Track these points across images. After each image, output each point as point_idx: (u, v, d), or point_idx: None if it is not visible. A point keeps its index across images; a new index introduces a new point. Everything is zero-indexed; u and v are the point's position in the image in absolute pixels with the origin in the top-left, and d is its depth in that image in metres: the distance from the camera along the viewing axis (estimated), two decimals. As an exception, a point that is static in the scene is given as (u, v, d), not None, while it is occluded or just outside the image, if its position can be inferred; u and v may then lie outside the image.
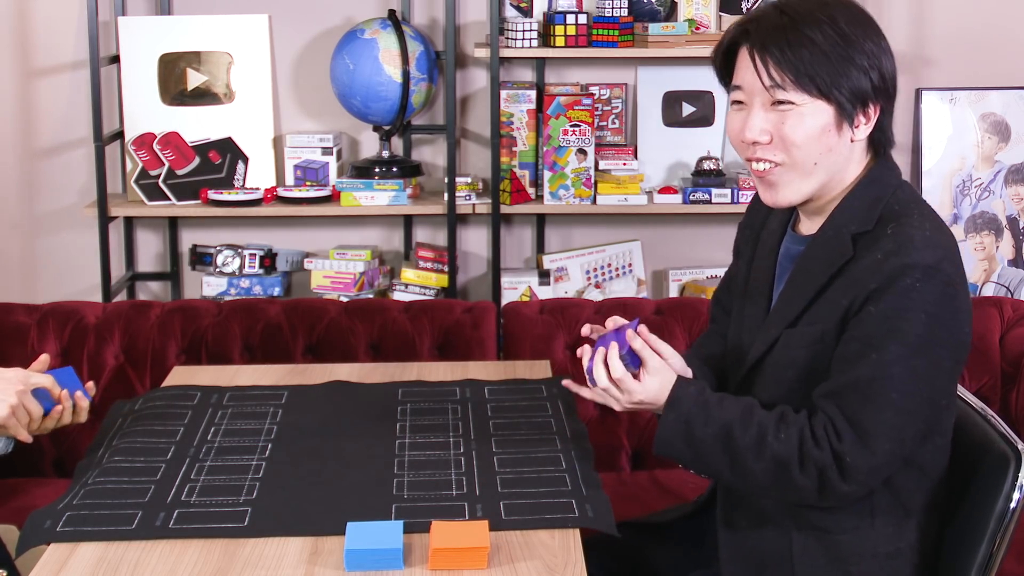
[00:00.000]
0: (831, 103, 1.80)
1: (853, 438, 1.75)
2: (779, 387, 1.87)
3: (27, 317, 2.93)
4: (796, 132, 1.81)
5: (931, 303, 1.74)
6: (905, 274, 1.74)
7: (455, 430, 2.15)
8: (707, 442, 1.81)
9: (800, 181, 1.85)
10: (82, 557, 1.72)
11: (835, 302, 1.80)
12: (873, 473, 1.77)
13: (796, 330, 1.85)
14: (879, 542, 1.84)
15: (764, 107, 1.83)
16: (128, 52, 3.59)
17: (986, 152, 3.79)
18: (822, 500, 1.80)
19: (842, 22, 1.81)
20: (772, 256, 1.97)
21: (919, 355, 1.74)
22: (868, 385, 1.75)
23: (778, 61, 1.80)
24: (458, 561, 1.68)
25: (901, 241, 1.77)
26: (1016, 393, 2.90)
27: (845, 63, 1.79)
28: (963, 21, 3.77)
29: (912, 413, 1.76)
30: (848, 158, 1.85)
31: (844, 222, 1.84)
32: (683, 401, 1.84)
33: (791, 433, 1.78)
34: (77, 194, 3.75)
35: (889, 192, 1.85)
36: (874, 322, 1.75)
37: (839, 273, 1.81)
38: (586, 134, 3.55)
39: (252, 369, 2.54)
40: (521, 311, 2.99)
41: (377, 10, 3.66)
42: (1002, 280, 3.81)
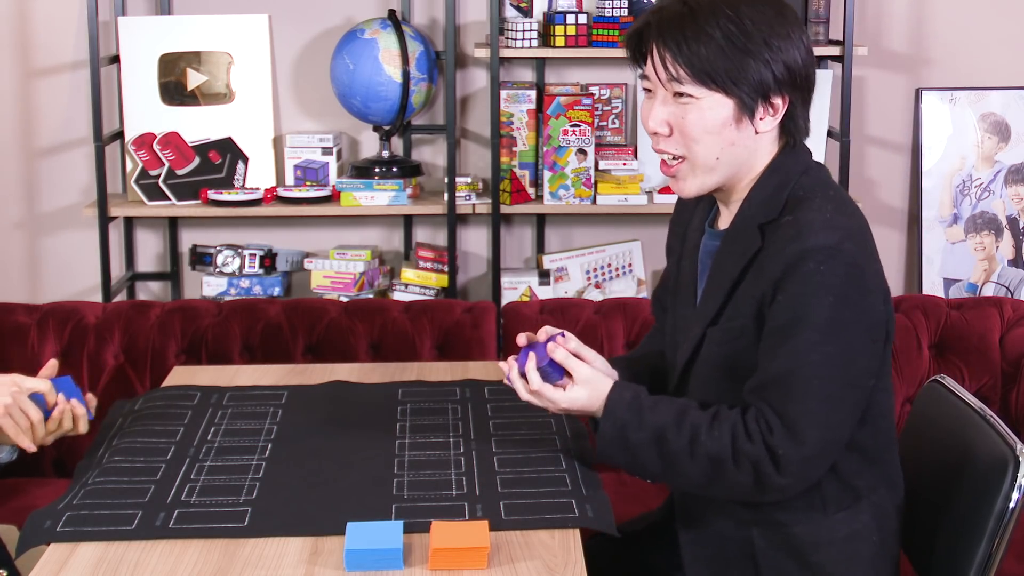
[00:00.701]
0: (730, 96, 1.80)
1: (782, 430, 1.76)
2: (711, 386, 1.88)
3: (27, 317, 2.93)
4: (695, 126, 1.82)
5: (836, 285, 1.73)
6: (806, 259, 1.74)
7: (455, 430, 2.15)
8: (642, 447, 1.83)
9: (703, 175, 1.86)
10: (82, 557, 1.72)
11: (749, 295, 1.81)
12: (807, 463, 1.77)
13: (717, 327, 1.86)
14: (834, 528, 1.86)
15: (666, 99, 1.84)
16: (128, 52, 3.59)
17: (986, 152, 3.79)
18: (760, 495, 1.81)
19: (744, 14, 1.79)
20: (695, 253, 1.98)
21: (831, 339, 1.74)
22: (787, 376, 1.76)
23: (675, 55, 1.80)
24: (458, 561, 1.68)
25: (800, 227, 1.77)
26: (1016, 393, 2.90)
27: (743, 56, 1.78)
28: (963, 21, 3.77)
29: (836, 398, 1.76)
30: (754, 150, 1.85)
31: (752, 213, 1.85)
32: (617, 407, 1.86)
33: (723, 430, 1.79)
34: (77, 194, 3.75)
35: (793, 179, 1.85)
36: (783, 312, 1.76)
37: (750, 265, 1.82)
38: (586, 134, 3.55)
39: (252, 369, 2.54)
40: (521, 311, 2.99)
41: (377, 10, 3.66)
42: (1002, 280, 3.81)
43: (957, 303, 3.01)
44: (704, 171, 1.86)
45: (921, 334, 2.95)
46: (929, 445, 2.08)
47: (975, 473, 1.90)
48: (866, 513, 1.87)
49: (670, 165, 1.89)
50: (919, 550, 2.01)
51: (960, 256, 3.81)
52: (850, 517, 1.86)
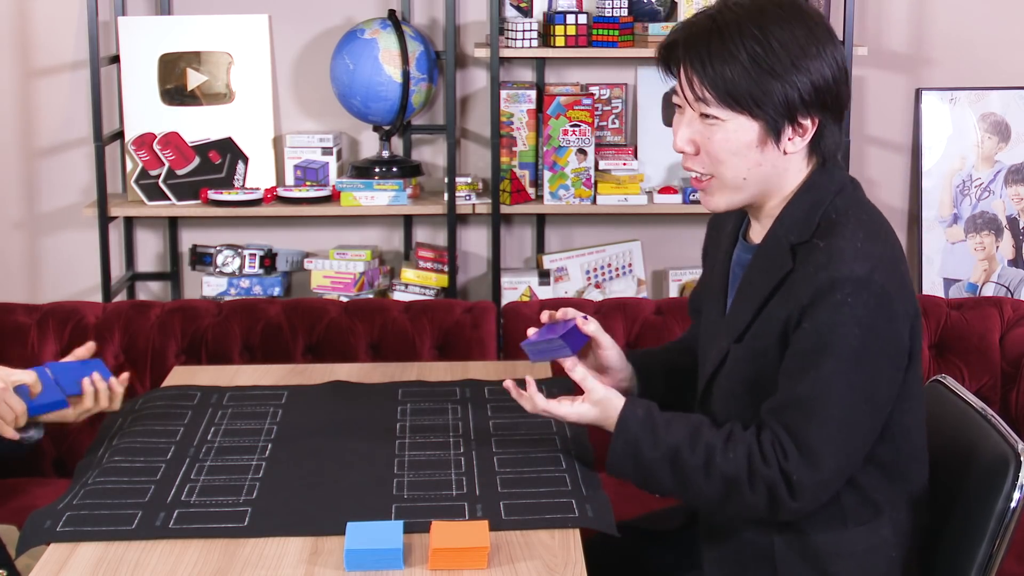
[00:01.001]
0: (756, 119, 1.78)
1: (798, 456, 1.76)
2: (733, 401, 1.88)
3: (27, 317, 2.93)
4: (720, 148, 1.81)
5: (864, 315, 1.73)
6: (835, 288, 1.73)
7: (455, 430, 2.15)
8: (656, 465, 1.83)
9: (731, 193, 1.85)
10: (82, 557, 1.72)
11: (776, 317, 1.80)
12: (821, 488, 1.78)
13: (742, 345, 1.86)
14: (854, 541, 1.85)
15: (693, 118, 1.83)
16: (128, 52, 3.59)
17: (986, 152, 3.79)
18: (773, 516, 1.81)
19: (773, 33, 1.76)
20: (726, 262, 1.97)
21: (856, 369, 1.74)
22: (809, 402, 1.75)
23: (701, 77, 1.78)
24: (458, 561, 1.68)
25: (831, 254, 1.76)
26: (1016, 393, 2.90)
27: (768, 78, 1.76)
28: (963, 21, 3.77)
29: (855, 425, 1.76)
30: (783, 169, 1.84)
31: (784, 233, 1.84)
32: (630, 424, 1.85)
33: (739, 452, 1.78)
34: (77, 194, 3.75)
35: (827, 199, 1.83)
36: (809, 338, 1.75)
37: (780, 285, 1.81)
38: (586, 134, 3.54)
39: (252, 369, 2.54)
40: (521, 311, 2.99)
41: (377, 10, 3.66)
42: (1002, 280, 3.81)
43: (957, 303, 3.01)
44: (732, 190, 1.84)
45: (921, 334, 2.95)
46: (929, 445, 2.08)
47: (976, 473, 1.90)
48: (886, 528, 1.86)
49: (699, 180, 1.87)
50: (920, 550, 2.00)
51: (960, 256, 3.81)
52: (869, 532, 1.86)
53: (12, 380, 2.02)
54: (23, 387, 2.03)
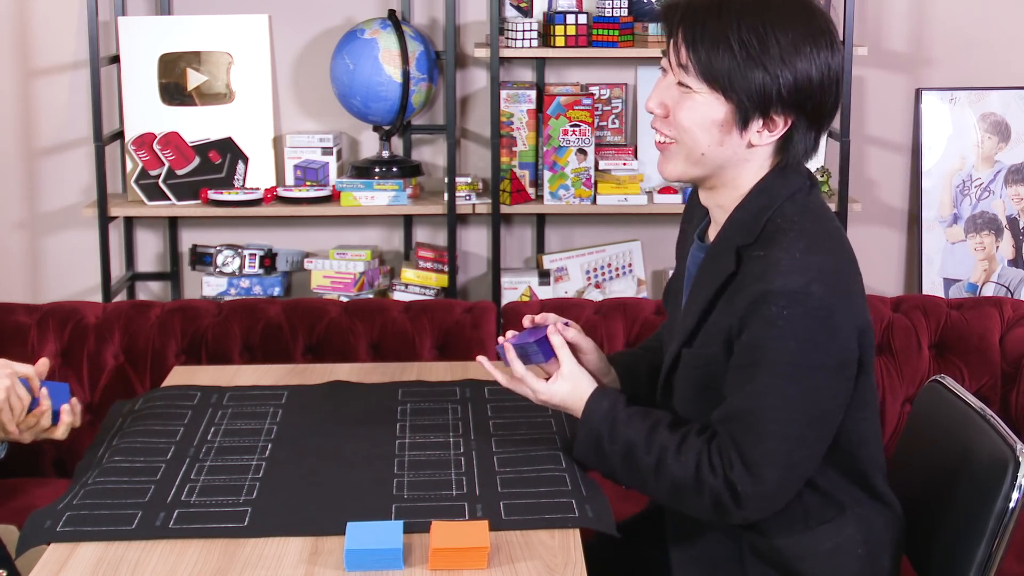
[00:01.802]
0: (728, 101, 1.79)
1: (741, 467, 1.76)
2: (687, 403, 1.89)
3: (27, 317, 2.93)
4: (686, 117, 1.82)
5: (799, 329, 1.71)
6: (768, 302, 1.72)
7: (455, 430, 2.15)
8: (615, 458, 1.86)
9: (686, 163, 1.85)
10: (82, 557, 1.72)
11: (720, 324, 1.80)
12: (766, 499, 1.78)
13: (691, 351, 1.86)
14: (817, 541, 1.85)
15: (671, 83, 1.84)
16: (128, 52, 3.59)
17: (986, 152, 3.79)
18: (720, 520, 1.82)
19: (770, 23, 1.76)
20: (684, 260, 1.98)
21: (792, 382, 1.73)
22: (747, 416, 1.75)
23: (688, 46, 1.79)
24: (458, 561, 1.68)
25: (767, 265, 1.74)
26: (1016, 393, 2.90)
27: (752, 66, 1.76)
28: (963, 21, 3.77)
29: (796, 438, 1.75)
30: (743, 159, 1.83)
31: (732, 234, 1.83)
32: (594, 416, 1.89)
33: (689, 457, 1.79)
34: (77, 194, 3.75)
35: (777, 202, 1.81)
36: (745, 351, 1.75)
37: (724, 289, 1.81)
38: (586, 134, 3.55)
39: (252, 369, 2.54)
40: (521, 311, 2.98)
41: (377, 10, 3.66)
42: (1002, 280, 3.81)
43: (957, 303, 3.01)
44: (688, 160, 1.85)
45: (921, 334, 2.95)
46: (929, 445, 2.08)
47: (975, 473, 1.90)
48: (851, 526, 1.86)
49: (661, 143, 1.89)
50: (919, 550, 2.01)
51: (960, 256, 3.81)
52: (834, 530, 1.86)
53: (18, 371, 2.01)
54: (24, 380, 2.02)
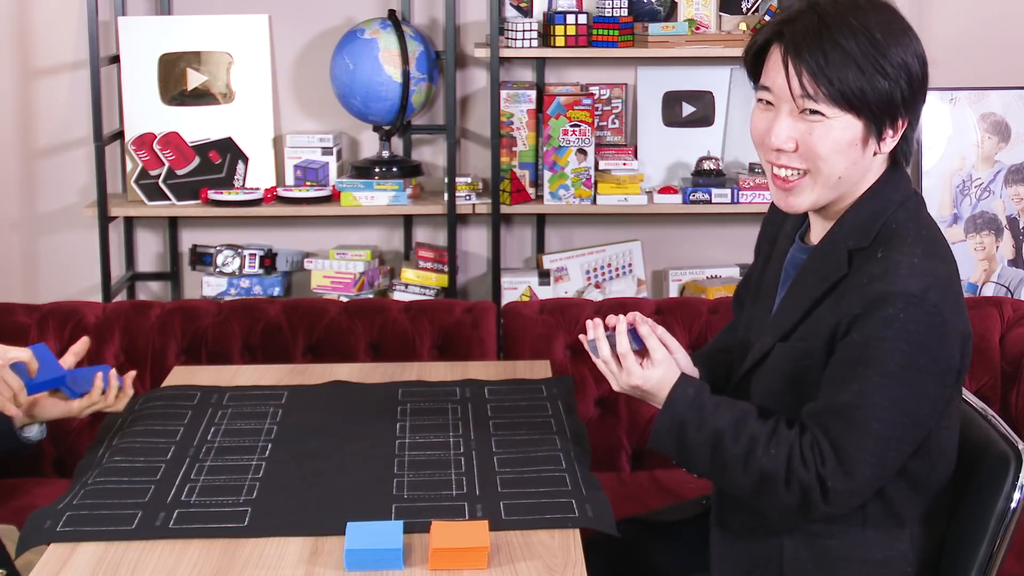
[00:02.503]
0: (861, 118, 1.77)
1: (835, 463, 1.75)
2: (769, 397, 1.87)
3: (27, 317, 2.93)
4: (823, 144, 1.78)
5: (914, 332, 1.71)
6: (887, 302, 1.72)
7: (455, 430, 2.15)
8: (698, 447, 1.82)
9: (822, 191, 1.82)
10: (82, 557, 1.72)
11: (824, 320, 1.79)
12: (853, 496, 1.77)
13: (787, 344, 1.85)
14: (869, 548, 1.84)
15: (792, 114, 1.79)
16: (128, 52, 3.59)
17: (986, 152, 3.79)
18: (802, 515, 1.81)
19: (875, 28, 1.75)
20: (781, 259, 1.96)
21: (900, 384, 1.73)
22: (850, 412, 1.74)
23: (812, 72, 1.74)
24: (458, 561, 1.68)
25: (887, 267, 1.74)
26: (1016, 393, 2.90)
27: (877, 76, 1.74)
28: (963, 21, 3.77)
29: (893, 440, 1.75)
30: (867, 170, 1.82)
31: (843, 237, 1.82)
32: (679, 402, 1.84)
33: (780, 449, 1.78)
34: (77, 194, 3.75)
35: (891, 208, 1.82)
36: (856, 349, 1.74)
37: (832, 290, 1.80)
38: (586, 134, 3.54)
39: (252, 369, 2.54)
40: (521, 311, 2.98)
41: (377, 10, 3.66)
42: (1002, 280, 3.81)
43: (957, 303, 3.01)
44: (824, 187, 1.81)
45: (921, 334, 2.95)
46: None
47: (976, 473, 1.89)
48: (905, 542, 1.85)
49: (788, 180, 1.82)
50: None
51: (960, 256, 3.80)
52: (888, 542, 1.85)
53: (8, 357, 2.03)
54: (20, 365, 2.03)
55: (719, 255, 3.83)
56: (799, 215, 1.94)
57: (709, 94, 3.73)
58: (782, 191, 1.84)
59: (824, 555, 1.84)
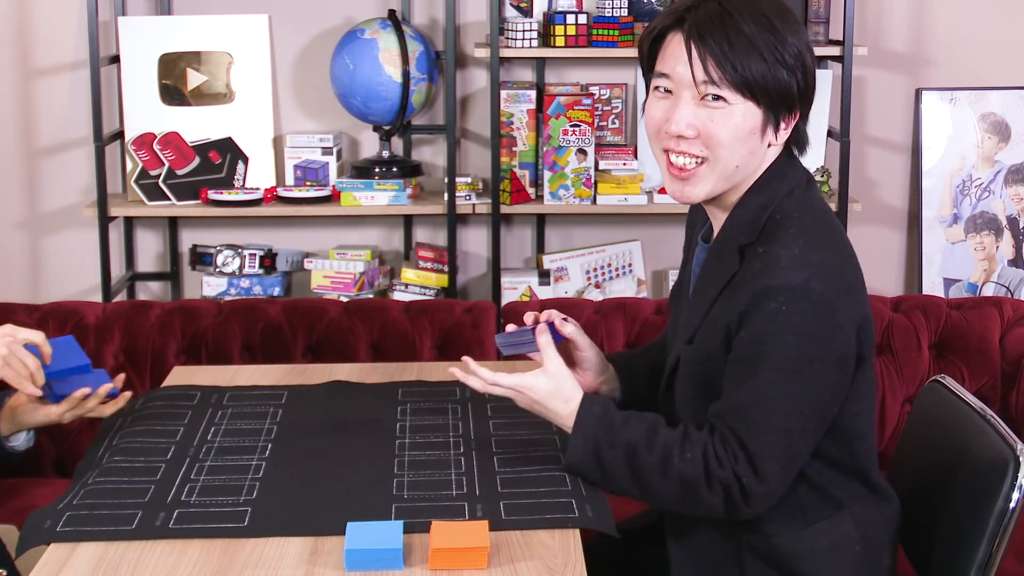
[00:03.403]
0: (760, 106, 1.78)
1: (745, 460, 1.76)
2: (686, 403, 1.88)
3: (27, 317, 2.93)
4: (724, 131, 1.78)
5: (799, 324, 1.72)
6: (769, 297, 1.72)
7: (455, 430, 2.15)
8: (615, 464, 1.83)
9: (718, 180, 1.83)
10: (82, 557, 1.72)
11: (719, 320, 1.80)
12: (769, 492, 1.78)
13: (692, 347, 1.86)
14: (815, 538, 1.85)
15: (693, 100, 1.79)
16: (128, 52, 3.59)
17: (986, 152, 3.79)
18: (729, 516, 1.81)
19: (772, 16, 1.77)
20: (689, 262, 1.98)
21: (794, 377, 1.73)
22: (748, 410, 1.75)
23: (716, 57, 1.75)
24: (458, 561, 1.68)
25: (768, 261, 1.75)
26: (1016, 393, 2.90)
27: (778, 65, 1.76)
28: (963, 21, 3.77)
29: (796, 431, 1.76)
30: (761, 160, 1.84)
31: (733, 233, 1.83)
32: (588, 422, 1.85)
33: (696, 452, 1.78)
34: (77, 194, 3.75)
35: (776, 200, 1.82)
36: (746, 346, 1.75)
37: (726, 287, 1.81)
38: (586, 134, 3.55)
39: (252, 369, 2.54)
40: (521, 311, 2.98)
41: (377, 10, 3.66)
42: (1002, 280, 3.81)
43: (957, 303, 3.01)
44: (721, 177, 1.82)
45: (921, 334, 2.95)
46: (929, 445, 2.08)
47: (975, 473, 1.89)
48: (847, 523, 1.86)
49: (685, 168, 1.83)
50: (919, 550, 2.01)
51: (960, 256, 3.81)
52: (830, 527, 1.86)
53: (20, 337, 2.02)
54: (33, 347, 2.03)
55: (719, 255, 3.83)
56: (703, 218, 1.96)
57: (709, 94, 3.73)
58: (678, 180, 1.84)
59: (777, 554, 1.86)
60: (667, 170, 1.86)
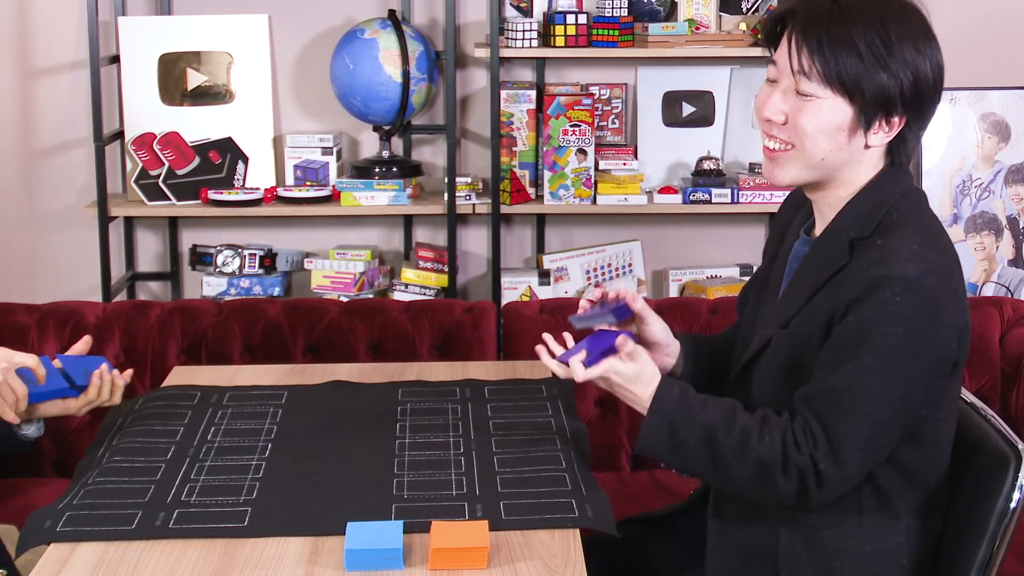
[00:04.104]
0: (852, 104, 1.79)
1: (826, 445, 1.75)
2: (769, 387, 1.87)
3: (27, 317, 2.93)
4: (809, 123, 1.81)
5: (909, 317, 1.72)
6: (884, 286, 1.73)
7: (455, 430, 2.15)
8: (691, 444, 1.81)
9: (803, 168, 1.85)
10: (82, 557, 1.72)
11: (822, 307, 1.80)
12: (845, 480, 1.77)
13: (786, 332, 1.85)
14: (864, 539, 1.84)
15: (788, 90, 1.83)
16: (128, 52, 3.59)
17: (986, 152, 3.79)
18: (799, 504, 1.80)
19: (892, 24, 1.78)
20: (787, 256, 1.97)
21: (893, 367, 1.73)
22: (841, 394, 1.75)
23: (811, 51, 1.79)
24: (458, 561, 1.68)
25: (886, 253, 1.76)
26: (1016, 393, 2.90)
27: (878, 68, 1.77)
28: (963, 21, 3.77)
29: (885, 423, 1.75)
30: (858, 161, 1.84)
31: (844, 227, 1.84)
32: (666, 402, 1.84)
33: (774, 436, 1.77)
34: (77, 194, 3.75)
35: (892, 200, 1.83)
36: (850, 332, 1.75)
37: (832, 278, 1.81)
38: (586, 134, 3.55)
39: (252, 369, 2.54)
40: (521, 311, 2.99)
41: (377, 10, 3.66)
42: (1002, 280, 3.81)
43: (957, 303, 3.01)
44: (806, 166, 1.84)
45: (921, 334, 2.95)
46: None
47: (976, 473, 1.89)
48: (901, 535, 1.85)
49: (774, 151, 1.86)
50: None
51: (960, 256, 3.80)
52: (883, 533, 1.85)
53: (15, 362, 2.02)
54: (26, 371, 2.03)
55: (719, 255, 3.83)
56: (805, 213, 1.96)
57: (709, 94, 3.73)
58: (769, 161, 1.89)
59: (819, 546, 1.84)
60: (763, 151, 1.90)
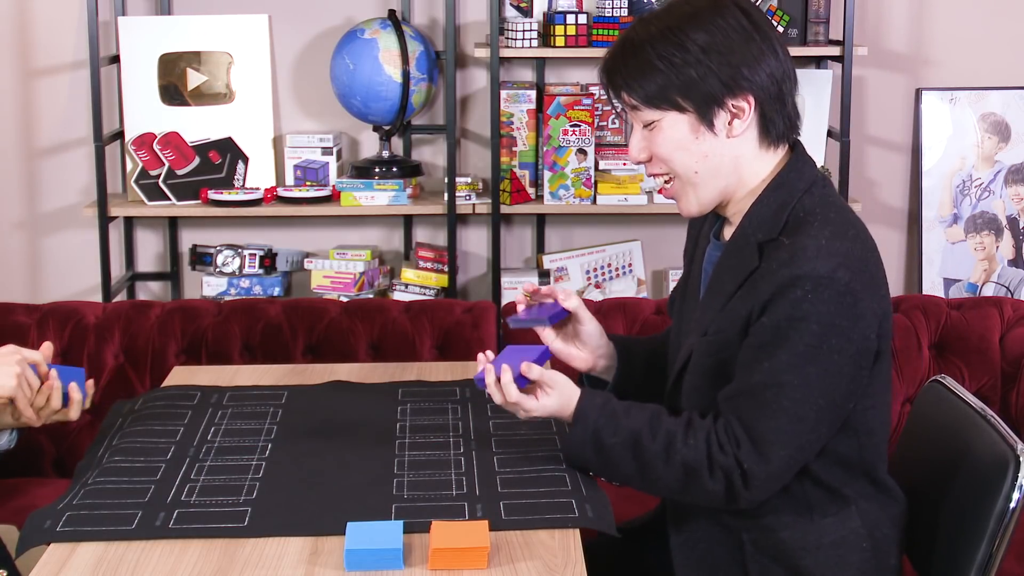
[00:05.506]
0: (683, 112, 1.82)
1: (749, 444, 1.77)
2: (696, 395, 1.89)
3: (27, 317, 2.93)
4: (663, 147, 1.85)
5: (823, 312, 1.73)
6: (795, 286, 1.74)
7: (455, 430, 2.15)
8: (616, 450, 1.84)
9: (694, 190, 1.88)
10: (82, 557, 1.72)
11: (738, 311, 1.81)
12: (772, 479, 1.79)
13: (706, 339, 1.87)
14: (822, 534, 1.86)
15: (639, 129, 1.88)
16: (128, 52, 3.59)
17: (986, 152, 3.79)
18: (729, 504, 1.82)
19: (678, 27, 1.81)
20: (701, 260, 1.99)
21: (811, 363, 1.74)
22: (761, 392, 1.76)
23: (619, 87, 1.85)
24: (458, 561, 1.68)
25: (794, 251, 1.77)
26: (1016, 393, 2.90)
27: (679, 70, 1.80)
28: (963, 21, 3.77)
29: (808, 419, 1.76)
30: (736, 156, 1.85)
31: (752, 230, 1.85)
32: (589, 413, 1.87)
33: (699, 439, 1.80)
34: (77, 194, 3.75)
35: (796, 196, 1.84)
36: (767, 332, 1.77)
37: (745, 282, 1.82)
38: (586, 134, 3.55)
39: (252, 369, 2.54)
40: (521, 311, 2.98)
41: (377, 10, 3.66)
42: (1002, 280, 3.81)
43: (957, 303, 3.01)
44: (695, 186, 1.87)
45: (921, 334, 2.95)
46: (929, 445, 2.08)
47: (975, 473, 1.90)
48: (855, 520, 1.87)
49: (663, 188, 1.92)
50: (919, 550, 2.01)
51: (960, 256, 3.81)
52: (838, 523, 1.87)
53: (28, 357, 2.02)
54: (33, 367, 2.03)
55: (719, 255, 3.83)
56: (713, 216, 1.98)
57: (709, 94, 3.73)
58: (670, 199, 1.94)
59: (781, 548, 1.86)
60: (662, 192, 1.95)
